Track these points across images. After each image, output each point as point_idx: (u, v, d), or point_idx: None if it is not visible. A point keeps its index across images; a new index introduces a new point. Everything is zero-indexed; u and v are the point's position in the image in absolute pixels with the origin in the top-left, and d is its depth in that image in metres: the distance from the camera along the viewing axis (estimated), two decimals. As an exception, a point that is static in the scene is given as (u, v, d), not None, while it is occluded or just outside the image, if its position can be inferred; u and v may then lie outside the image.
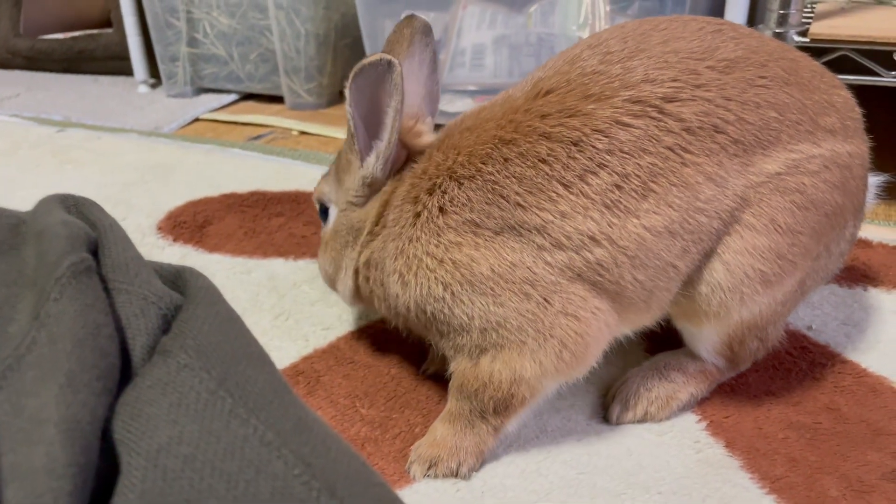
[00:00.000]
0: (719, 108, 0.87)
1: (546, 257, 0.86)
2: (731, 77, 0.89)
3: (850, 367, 1.11)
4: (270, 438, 0.47)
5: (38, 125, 2.39)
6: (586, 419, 1.02)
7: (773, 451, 0.95)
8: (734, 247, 0.90)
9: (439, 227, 0.90)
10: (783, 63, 0.93)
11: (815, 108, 0.93)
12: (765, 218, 0.89)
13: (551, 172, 0.85)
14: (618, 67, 0.89)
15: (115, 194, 1.79)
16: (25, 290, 0.53)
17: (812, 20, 1.67)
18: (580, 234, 0.85)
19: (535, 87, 0.92)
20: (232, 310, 0.59)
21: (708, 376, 1.04)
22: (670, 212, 0.87)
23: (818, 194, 0.91)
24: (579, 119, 0.86)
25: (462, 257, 0.88)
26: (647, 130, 0.85)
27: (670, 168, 0.86)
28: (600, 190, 0.85)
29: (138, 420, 0.46)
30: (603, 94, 0.87)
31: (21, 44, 3.18)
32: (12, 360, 0.46)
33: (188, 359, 0.50)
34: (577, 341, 0.88)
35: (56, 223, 0.58)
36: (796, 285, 0.97)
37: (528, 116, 0.89)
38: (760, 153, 0.89)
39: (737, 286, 0.91)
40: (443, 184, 0.91)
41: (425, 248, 0.91)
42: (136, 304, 0.54)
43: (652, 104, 0.86)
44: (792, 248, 0.91)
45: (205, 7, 2.57)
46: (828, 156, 0.92)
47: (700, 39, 0.91)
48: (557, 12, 2.10)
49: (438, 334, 0.94)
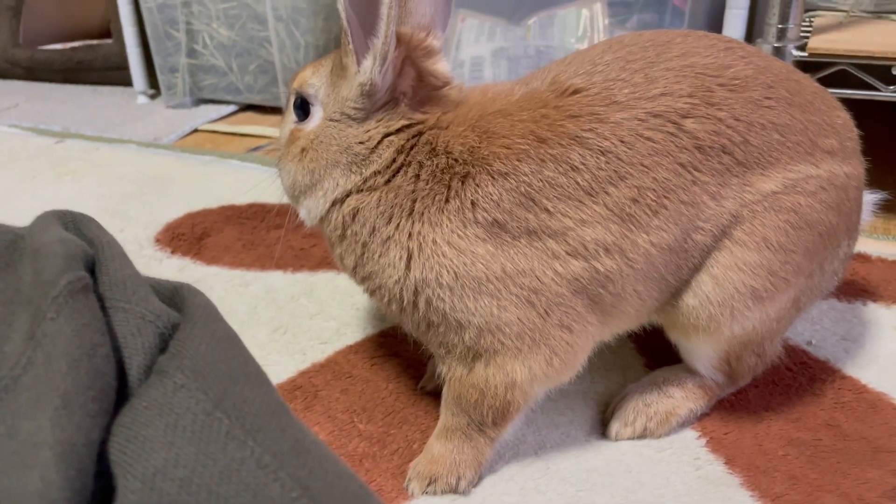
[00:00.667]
0: (729, 129, 0.89)
1: (557, 266, 0.86)
2: (741, 97, 0.90)
3: (849, 383, 1.10)
4: (267, 461, 0.47)
5: (37, 136, 2.39)
6: (585, 435, 1.02)
7: (774, 468, 0.95)
8: (724, 262, 0.91)
9: (466, 220, 0.86)
10: (788, 84, 0.94)
11: (816, 130, 0.94)
12: (757, 236, 0.90)
13: (581, 181, 0.85)
14: (640, 76, 0.89)
15: (112, 206, 1.79)
16: (21, 309, 0.53)
17: (810, 34, 1.67)
18: (596, 243, 0.86)
19: (559, 84, 0.91)
20: (229, 328, 0.58)
21: (707, 392, 1.04)
22: (675, 230, 0.88)
23: (813, 214, 0.92)
24: (608, 127, 0.86)
25: (482, 252, 0.85)
26: (665, 145, 0.87)
27: (681, 185, 0.87)
28: (620, 202, 0.86)
29: (134, 442, 0.46)
30: (627, 104, 0.88)
31: (20, 54, 3.19)
32: (8, 381, 0.45)
33: (185, 379, 0.50)
34: (566, 350, 0.89)
35: (53, 241, 0.58)
36: (790, 302, 0.97)
37: (560, 114, 0.88)
38: (760, 173, 0.90)
39: (727, 301, 0.92)
40: (477, 176, 0.86)
41: (447, 236, 0.86)
42: (133, 322, 0.54)
43: (671, 119, 0.87)
44: (784, 265, 0.92)
45: (204, 18, 2.57)
46: (825, 177, 0.93)
47: (714, 56, 0.93)
48: (556, 25, 2.11)
49: (425, 324, 0.90)
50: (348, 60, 0.88)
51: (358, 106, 0.90)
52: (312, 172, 0.93)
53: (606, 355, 1.17)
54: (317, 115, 0.93)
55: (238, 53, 2.58)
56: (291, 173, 0.96)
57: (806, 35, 1.67)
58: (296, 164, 0.95)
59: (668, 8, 2.02)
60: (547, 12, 2.11)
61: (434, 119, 0.91)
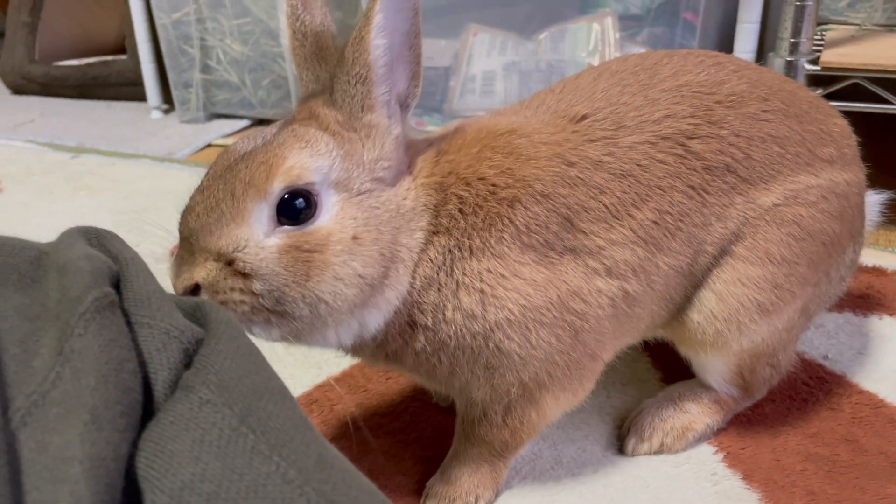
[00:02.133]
0: (731, 147, 0.89)
1: (599, 284, 0.85)
2: (739, 112, 0.91)
3: (867, 398, 1.10)
4: (293, 476, 0.47)
5: (53, 151, 2.41)
6: (602, 450, 1.02)
7: (792, 483, 0.94)
8: (726, 277, 0.91)
9: (524, 246, 0.81)
10: (782, 95, 0.95)
11: (814, 140, 0.94)
12: (759, 250, 0.90)
13: (608, 204, 0.85)
14: (640, 99, 0.90)
15: (128, 220, 1.81)
16: (49, 325, 0.53)
17: (823, 48, 1.67)
18: (625, 264, 0.86)
19: (562, 111, 0.90)
20: (252, 343, 0.59)
21: (723, 406, 1.04)
22: (689, 252, 0.89)
23: (815, 225, 0.92)
24: (623, 151, 0.86)
25: (540, 280, 0.81)
26: (677, 168, 0.87)
27: (694, 208, 0.88)
28: (643, 224, 0.86)
29: (161, 457, 0.46)
30: (636, 127, 0.88)
31: (36, 70, 3.23)
32: (37, 397, 0.46)
33: (210, 394, 0.50)
34: (590, 379, 0.90)
35: (79, 257, 0.58)
36: (799, 312, 0.98)
37: (579, 138, 0.87)
38: (763, 187, 0.91)
39: (732, 316, 0.92)
40: (523, 198, 0.81)
41: (513, 267, 0.80)
42: (158, 338, 0.54)
43: (678, 141, 0.88)
44: (789, 277, 0.92)
45: (218, 34, 2.60)
46: (826, 185, 0.93)
47: (706, 73, 0.93)
48: (567, 39, 2.12)
49: (480, 371, 0.83)
50: (375, 116, 0.78)
51: (392, 163, 0.80)
52: (382, 255, 0.77)
53: (622, 370, 1.17)
54: (329, 204, 0.76)
55: (251, 69, 2.61)
56: (347, 276, 0.75)
57: (818, 49, 1.67)
58: (353, 259, 0.75)
59: (679, 22, 2.02)
60: (558, 27, 2.12)
61: (437, 148, 0.86)
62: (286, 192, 0.73)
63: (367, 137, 0.78)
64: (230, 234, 0.74)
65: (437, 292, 0.81)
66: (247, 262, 0.73)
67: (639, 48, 2.05)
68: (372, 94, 0.77)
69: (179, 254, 0.77)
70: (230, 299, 0.73)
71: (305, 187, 0.74)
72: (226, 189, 0.75)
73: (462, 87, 2.22)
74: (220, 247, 0.74)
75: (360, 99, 0.77)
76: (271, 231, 0.74)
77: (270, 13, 2.48)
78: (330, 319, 0.77)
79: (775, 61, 1.66)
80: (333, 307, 0.76)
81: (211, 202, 0.75)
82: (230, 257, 0.73)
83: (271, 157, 0.74)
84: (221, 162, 0.79)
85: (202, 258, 0.74)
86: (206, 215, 0.75)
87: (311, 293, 0.74)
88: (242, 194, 0.74)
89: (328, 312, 0.76)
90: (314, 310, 0.75)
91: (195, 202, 0.77)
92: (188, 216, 0.77)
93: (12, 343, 0.52)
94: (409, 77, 0.80)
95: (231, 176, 0.75)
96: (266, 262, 0.73)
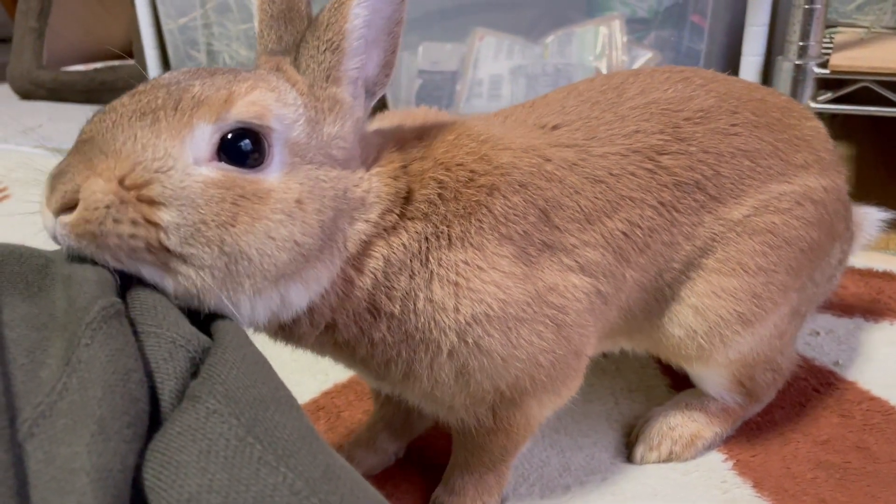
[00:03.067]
0: (700, 164, 0.88)
1: (574, 279, 0.83)
2: (707, 128, 0.90)
3: (878, 404, 1.09)
4: (300, 487, 0.47)
5: (61, 156, 2.41)
6: (610, 458, 1.01)
7: (802, 491, 0.93)
8: (700, 290, 0.90)
9: (502, 237, 0.78)
10: (751, 105, 0.94)
11: (786, 147, 0.93)
12: (732, 262, 0.89)
13: (582, 206, 0.84)
14: (610, 114, 0.89)
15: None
16: (56, 335, 0.53)
17: (832, 51, 1.66)
18: (597, 265, 0.85)
19: (533, 122, 0.90)
20: (259, 352, 0.59)
21: (731, 414, 1.03)
22: (654, 269, 0.89)
23: (791, 231, 0.91)
24: (596, 159, 0.86)
25: (519, 273, 0.78)
26: (647, 182, 0.86)
27: (664, 226, 0.87)
28: (614, 233, 0.85)
29: (168, 468, 0.46)
30: (608, 139, 0.87)
31: (44, 75, 3.24)
32: (45, 408, 0.46)
33: (217, 404, 0.50)
34: (575, 378, 0.88)
35: (85, 266, 0.58)
36: (788, 317, 0.97)
37: (554, 141, 0.86)
38: (732, 202, 0.90)
39: (713, 329, 0.91)
40: (502, 186, 0.78)
41: (490, 259, 0.76)
42: (164, 347, 0.54)
43: (648, 156, 0.87)
44: (768, 286, 0.91)
45: (225, 39, 2.60)
46: (800, 192, 0.92)
47: (673, 89, 0.93)
48: (574, 43, 2.12)
49: (455, 375, 0.79)
50: (340, 90, 0.73)
51: (349, 147, 0.74)
52: (322, 228, 0.70)
53: (630, 376, 1.16)
54: (280, 160, 0.68)
55: (258, 73, 2.61)
56: (281, 237, 0.67)
57: (827, 52, 1.66)
58: (291, 223, 0.68)
59: (687, 25, 2.02)
60: (565, 30, 2.12)
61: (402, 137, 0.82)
62: (240, 126, 0.65)
63: (329, 111, 0.72)
64: (158, 145, 0.63)
65: (408, 279, 0.76)
66: (166, 186, 0.62)
67: (646, 51, 2.04)
68: (341, 66, 0.72)
69: (67, 160, 0.65)
70: (116, 232, 0.60)
71: (262, 130, 0.66)
72: (169, 98, 0.65)
73: (469, 90, 2.22)
74: (138, 159, 0.62)
75: (327, 67, 0.72)
76: (206, 161, 0.65)
77: (277, 18, 2.49)
78: (248, 283, 0.66)
79: (784, 65, 1.65)
80: (258, 268, 0.66)
81: (144, 107, 0.65)
82: (144, 178, 0.62)
83: (236, 84, 0.67)
84: (164, 77, 0.70)
85: (103, 168, 0.62)
86: (132, 118, 0.64)
87: (234, 242, 0.64)
88: (190, 109, 0.64)
89: (248, 272, 0.66)
90: (231, 264, 0.65)
91: (119, 104, 0.66)
92: (104, 116, 0.66)
93: (20, 353, 0.52)
94: (382, 64, 0.75)
95: (178, 89, 0.66)
96: (189, 190, 0.62)
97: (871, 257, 1.47)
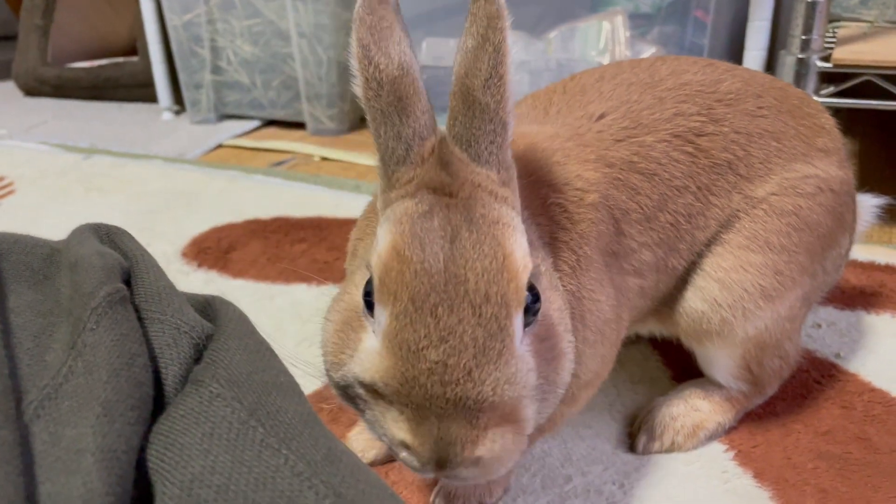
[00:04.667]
0: (733, 144, 0.91)
1: (630, 282, 0.85)
2: (737, 109, 0.92)
3: (879, 396, 1.09)
4: (301, 469, 0.47)
5: (65, 152, 2.43)
6: (612, 448, 1.01)
7: (803, 481, 0.94)
8: (727, 265, 0.92)
9: (600, 252, 0.82)
10: (774, 92, 0.97)
11: (808, 132, 0.97)
12: (760, 239, 0.91)
13: (642, 207, 0.85)
14: (649, 97, 0.90)
15: (140, 221, 1.82)
16: (61, 320, 0.54)
17: (835, 45, 1.66)
18: (649, 265, 0.87)
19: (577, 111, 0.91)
20: (262, 339, 0.59)
21: (735, 404, 1.03)
22: (690, 254, 0.90)
23: (812, 216, 0.93)
24: (645, 150, 0.87)
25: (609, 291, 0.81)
26: (689, 167, 0.89)
27: (700, 210, 0.90)
28: (665, 227, 0.87)
29: (172, 449, 0.46)
30: (652, 126, 0.89)
31: (48, 72, 3.25)
32: (50, 390, 0.47)
33: (220, 388, 0.50)
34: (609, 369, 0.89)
35: (91, 253, 0.59)
36: (800, 301, 0.98)
37: (608, 138, 0.87)
38: (759, 180, 0.92)
39: (737, 302, 0.92)
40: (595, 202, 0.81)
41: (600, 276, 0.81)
42: (168, 333, 0.55)
43: (688, 139, 0.89)
44: (789, 265, 0.93)
45: (229, 36, 2.61)
46: (822, 177, 0.95)
47: (702, 73, 0.95)
48: (577, 38, 2.12)
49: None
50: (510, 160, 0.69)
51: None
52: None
53: (632, 368, 1.17)
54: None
55: (262, 69, 2.62)
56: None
57: (830, 46, 1.66)
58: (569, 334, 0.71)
59: (690, 20, 2.02)
60: (568, 25, 2.12)
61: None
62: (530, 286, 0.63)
63: (514, 191, 0.69)
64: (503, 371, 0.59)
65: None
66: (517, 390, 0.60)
67: (649, 47, 2.04)
68: (508, 138, 0.68)
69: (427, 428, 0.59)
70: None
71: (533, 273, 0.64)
72: (486, 325, 0.59)
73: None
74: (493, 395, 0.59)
75: (504, 147, 0.67)
76: (522, 341, 0.62)
77: (280, 14, 2.49)
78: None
79: (787, 59, 1.66)
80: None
81: (458, 346, 0.58)
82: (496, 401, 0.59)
83: (495, 250, 0.61)
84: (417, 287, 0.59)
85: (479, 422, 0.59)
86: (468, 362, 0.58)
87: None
88: (500, 314, 0.59)
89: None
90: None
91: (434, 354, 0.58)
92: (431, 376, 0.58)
93: (26, 338, 0.53)
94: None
95: (460, 299, 0.59)
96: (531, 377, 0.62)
97: (873, 250, 1.48)
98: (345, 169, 2.23)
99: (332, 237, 1.65)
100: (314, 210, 1.80)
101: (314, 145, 2.44)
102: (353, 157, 2.32)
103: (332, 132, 2.56)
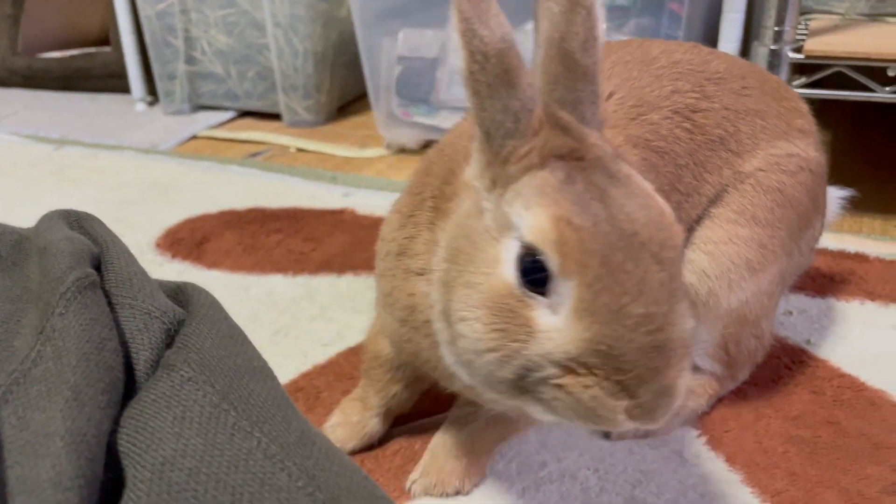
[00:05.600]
0: (724, 121, 0.93)
1: None
2: (724, 88, 0.95)
3: (848, 381, 1.11)
4: (274, 451, 0.47)
5: (36, 143, 2.40)
6: (586, 434, 1.02)
7: (774, 465, 0.95)
8: (716, 238, 0.94)
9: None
10: (755, 75, 1.01)
11: (788, 113, 1.00)
12: (747, 214, 0.94)
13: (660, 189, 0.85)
14: (646, 76, 0.92)
15: (113, 212, 1.80)
16: (30, 306, 0.54)
17: (806, 37, 1.68)
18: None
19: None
20: (235, 324, 0.59)
21: (708, 389, 1.04)
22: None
23: (794, 194, 0.97)
24: (654, 128, 0.88)
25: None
26: (689, 144, 0.91)
27: (696, 187, 0.93)
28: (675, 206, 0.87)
29: (143, 433, 0.46)
30: (654, 103, 0.90)
31: (19, 62, 3.20)
32: (18, 374, 0.46)
33: (192, 372, 0.50)
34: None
35: (60, 239, 0.58)
36: (778, 277, 1.01)
37: (625, 118, 0.88)
38: (747, 155, 0.95)
39: (724, 273, 0.95)
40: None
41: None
42: (139, 318, 0.54)
43: (686, 115, 0.91)
44: (772, 239, 0.96)
45: (203, 26, 2.58)
46: (803, 156, 0.98)
47: (690, 53, 0.98)
48: (553, 30, 2.12)
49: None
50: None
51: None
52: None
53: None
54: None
55: (236, 60, 2.59)
56: None
57: (802, 38, 1.68)
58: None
59: (665, 12, 2.03)
60: (544, 17, 2.12)
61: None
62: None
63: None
64: (685, 309, 0.63)
65: None
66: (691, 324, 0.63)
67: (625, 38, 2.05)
68: (603, 99, 0.70)
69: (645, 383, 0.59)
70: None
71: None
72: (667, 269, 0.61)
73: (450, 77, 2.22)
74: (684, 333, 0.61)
75: (601, 108, 0.69)
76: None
77: (255, 4, 2.47)
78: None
79: (759, 50, 1.67)
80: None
81: (655, 295, 0.60)
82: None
83: (646, 200, 0.64)
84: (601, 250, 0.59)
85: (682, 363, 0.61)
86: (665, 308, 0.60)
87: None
88: (675, 257, 0.63)
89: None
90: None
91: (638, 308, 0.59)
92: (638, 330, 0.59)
93: (-7, 323, 0.52)
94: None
95: (641, 250, 0.60)
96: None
97: (843, 239, 1.50)
98: (321, 160, 2.22)
99: (308, 228, 1.65)
100: (290, 201, 1.79)
101: (290, 136, 2.42)
102: (330, 148, 2.31)
103: (309, 123, 2.54)
